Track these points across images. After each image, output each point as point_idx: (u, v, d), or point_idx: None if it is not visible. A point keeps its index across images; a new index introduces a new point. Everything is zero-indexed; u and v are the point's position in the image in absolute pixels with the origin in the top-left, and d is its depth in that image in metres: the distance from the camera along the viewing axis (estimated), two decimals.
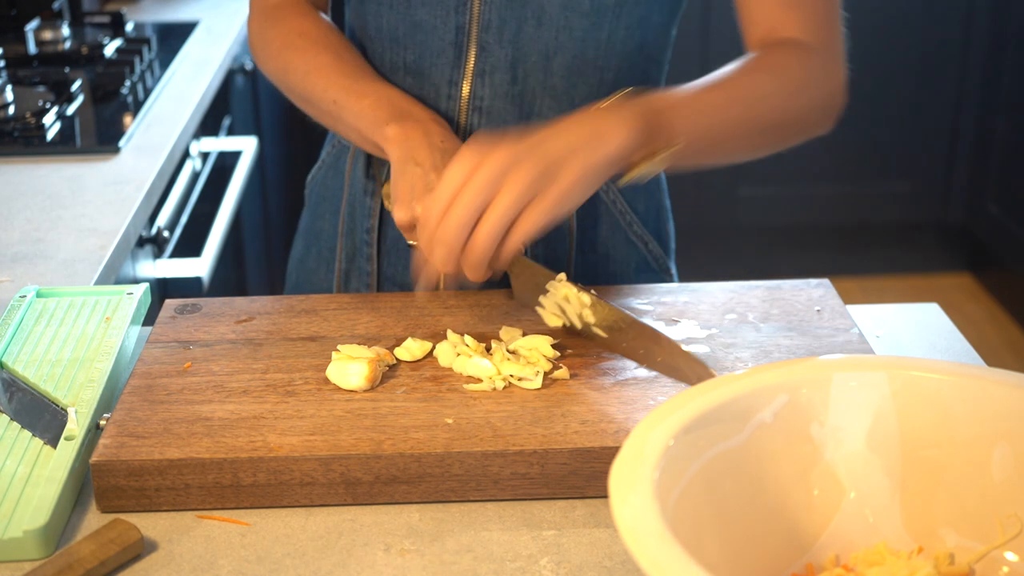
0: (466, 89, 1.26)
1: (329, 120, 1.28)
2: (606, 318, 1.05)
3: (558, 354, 1.08)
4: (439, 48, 1.25)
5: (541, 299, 1.10)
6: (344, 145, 1.39)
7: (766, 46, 1.23)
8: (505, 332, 1.11)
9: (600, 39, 1.24)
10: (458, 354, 1.06)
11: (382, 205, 1.33)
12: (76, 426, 0.98)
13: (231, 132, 2.47)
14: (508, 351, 1.07)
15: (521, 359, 1.05)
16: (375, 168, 1.33)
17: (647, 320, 1.05)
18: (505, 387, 1.02)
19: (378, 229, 1.34)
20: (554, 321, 1.10)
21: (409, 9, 1.25)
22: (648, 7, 1.25)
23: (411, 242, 1.15)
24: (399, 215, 1.13)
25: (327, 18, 1.35)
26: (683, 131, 1.11)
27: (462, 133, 1.28)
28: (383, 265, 1.35)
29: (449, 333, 1.10)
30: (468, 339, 1.07)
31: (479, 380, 1.03)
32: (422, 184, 1.12)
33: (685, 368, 1.00)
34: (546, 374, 1.04)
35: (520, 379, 1.02)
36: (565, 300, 1.08)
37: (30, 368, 1.08)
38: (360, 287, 1.36)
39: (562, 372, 1.04)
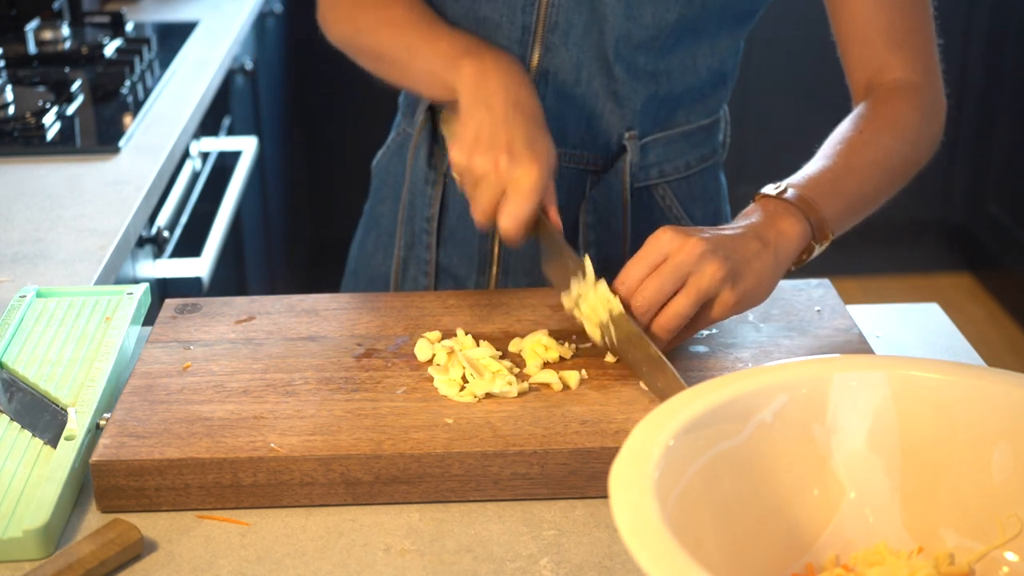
0: None
1: (399, 71, 1.25)
2: (626, 335, 1.04)
3: (569, 353, 1.08)
4: (504, 46, 1.25)
5: (572, 289, 1.10)
6: (408, 132, 1.38)
7: (874, 90, 1.24)
8: (514, 344, 1.10)
9: (660, 50, 1.24)
10: (435, 362, 1.06)
11: (443, 195, 1.33)
12: (76, 426, 0.98)
13: (231, 132, 2.47)
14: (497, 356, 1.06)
15: (499, 369, 1.04)
16: (436, 158, 1.33)
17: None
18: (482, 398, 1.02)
19: (438, 219, 1.34)
20: (584, 318, 1.09)
21: (474, 5, 1.25)
22: (711, 23, 1.25)
23: (459, 187, 1.14)
24: (458, 157, 1.11)
25: None
26: (832, 225, 1.12)
27: None
28: (440, 256, 1.35)
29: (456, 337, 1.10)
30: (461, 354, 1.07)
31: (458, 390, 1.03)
32: (488, 134, 1.10)
33: None
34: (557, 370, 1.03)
35: (498, 391, 1.02)
36: (593, 306, 1.07)
37: (30, 368, 1.08)
38: (418, 275, 1.36)
39: (572, 377, 1.04)
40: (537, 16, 1.24)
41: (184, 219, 2.03)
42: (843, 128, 1.20)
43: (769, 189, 1.12)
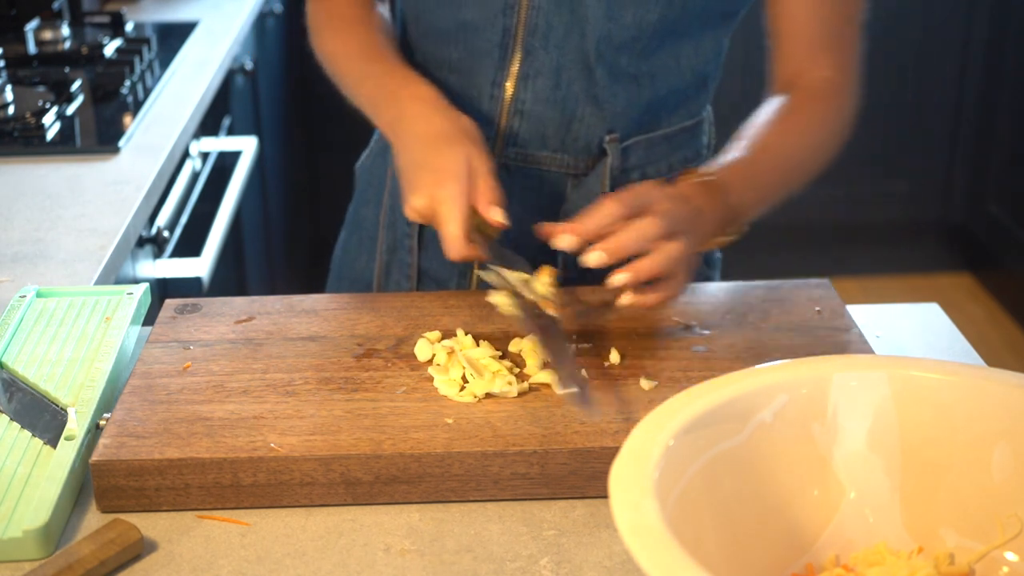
0: (509, 91, 1.27)
1: (351, 96, 1.30)
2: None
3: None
4: (485, 49, 1.25)
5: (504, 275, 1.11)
6: None
7: (799, 85, 1.27)
8: (514, 344, 1.10)
9: (643, 52, 1.24)
10: (435, 362, 1.06)
11: None
12: (76, 426, 0.98)
13: (231, 132, 2.47)
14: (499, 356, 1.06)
15: (498, 369, 1.04)
16: None
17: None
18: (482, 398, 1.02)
19: (419, 224, 1.34)
20: (501, 299, 1.10)
21: (457, 8, 1.25)
22: (693, 23, 1.25)
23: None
24: (407, 212, 1.13)
25: (383, 11, 1.37)
26: (745, 213, 1.17)
27: (502, 135, 1.28)
28: (422, 259, 1.35)
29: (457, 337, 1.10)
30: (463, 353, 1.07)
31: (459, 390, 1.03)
32: (414, 174, 1.13)
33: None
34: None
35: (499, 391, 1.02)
36: (530, 288, 1.09)
37: (30, 368, 1.08)
38: (401, 279, 1.36)
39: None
40: (517, 19, 1.24)
41: (184, 219, 2.03)
42: (768, 120, 1.24)
43: (698, 172, 1.17)
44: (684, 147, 1.34)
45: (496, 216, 1.10)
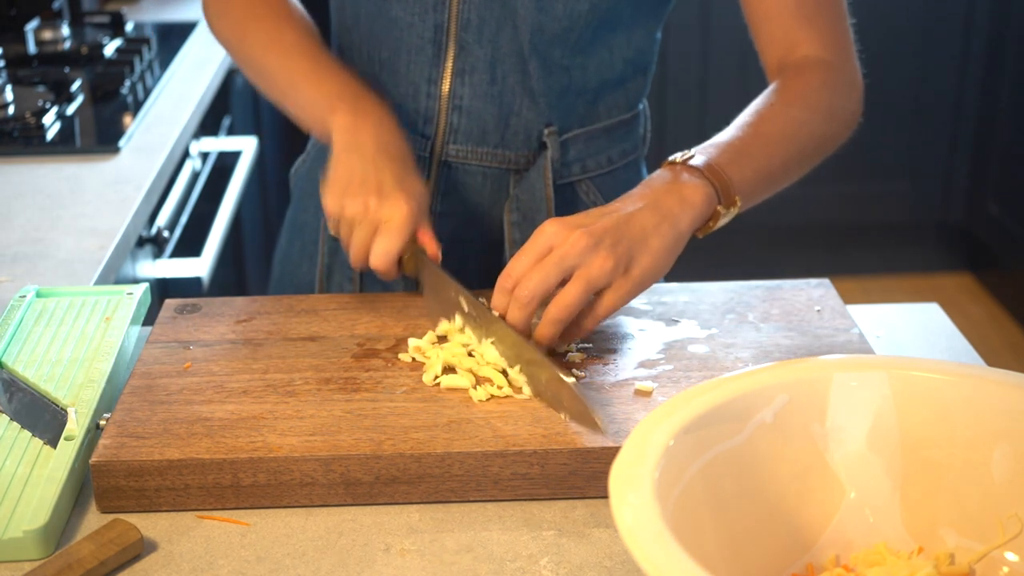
0: (446, 87, 1.27)
1: (279, 96, 1.28)
2: (524, 360, 1.04)
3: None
4: (417, 46, 1.25)
5: (457, 320, 1.10)
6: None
7: (786, 67, 1.24)
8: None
9: (576, 44, 1.24)
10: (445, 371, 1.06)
11: None
12: (76, 426, 0.98)
13: (231, 132, 2.47)
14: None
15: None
16: None
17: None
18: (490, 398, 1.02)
19: None
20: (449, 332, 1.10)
21: (385, 4, 1.25)
22: (625, 13, 1.25)
23: (332, 233, 1.17)
24: (330, 203, 1.14)
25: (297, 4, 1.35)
26: (739, 191, 1.12)
27: (442, 132, 1.28)
28: None
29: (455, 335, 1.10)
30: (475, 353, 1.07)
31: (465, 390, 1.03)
32: (359, 178, 1.13)
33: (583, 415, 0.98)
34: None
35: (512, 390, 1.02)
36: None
37: (30, 368, 1.08)
38: (343, 281, 1.35)
39: (576, 355, 1.05)
40: (449, 14, 1.24)
41: (184, 219, 2.03)
42: (755, 102, 1.21)
43: (675, 156, 1.13)
44: (623, 140, 1.34)
45: (438, 253, 1.13)
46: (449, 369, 1.05)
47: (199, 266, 1.92)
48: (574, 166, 1.31)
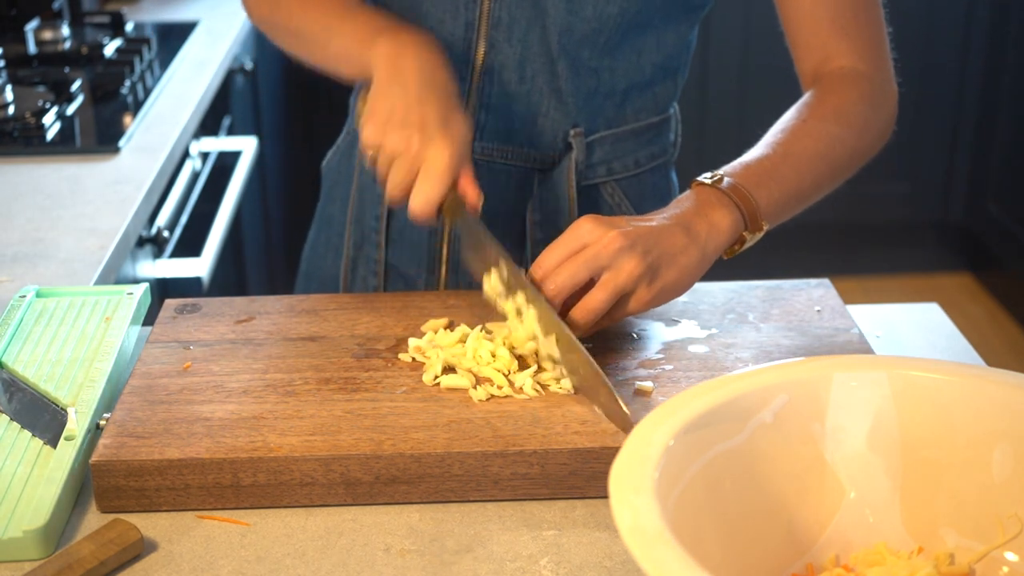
0: (475, 85, 1.26)
1: (317, 50, 1.25)
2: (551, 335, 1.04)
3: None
4: (447, 42, 1.24)
5: (492, 277, 1.10)
6: (357, 132, 1.38)
7: (821, 78, 1.22)
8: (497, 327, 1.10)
9: (605, 46, 1.24)
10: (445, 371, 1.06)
11: None
12: (76, 426, 0.98)
13: (231, 132, 2.47)
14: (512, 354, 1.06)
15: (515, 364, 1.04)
16: None
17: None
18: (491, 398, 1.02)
19: (387, 218, 1.34)
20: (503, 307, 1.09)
21: (417, 1, 1.25)
22: (656, 16, 1.24)
23: (368, 165, 1.14)
24: (370, 134, 1.11)
25: None
26: (767, 214, 1.11)
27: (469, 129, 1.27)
28: (389, 254, 1.35)
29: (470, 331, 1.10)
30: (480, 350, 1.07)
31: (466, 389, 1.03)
32: (402, 112, 1.10)
33: (614, 413, 0.98)
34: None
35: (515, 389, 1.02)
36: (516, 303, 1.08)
37: (30, 368, 1.08)
38: (367, 275, 1.36)
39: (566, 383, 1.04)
40: (480, 12, 1.23)
41: (184, 219, 2.03)
42: (787, 116, 1.20)
43: (705, 177, 1.12)
44: (651, 143, 1.33)
45: (478, 203, 1.11)
46: (449, 369, 1.05)
47: (199, 266, 1.92)
48: (599, 168, 1.31)
